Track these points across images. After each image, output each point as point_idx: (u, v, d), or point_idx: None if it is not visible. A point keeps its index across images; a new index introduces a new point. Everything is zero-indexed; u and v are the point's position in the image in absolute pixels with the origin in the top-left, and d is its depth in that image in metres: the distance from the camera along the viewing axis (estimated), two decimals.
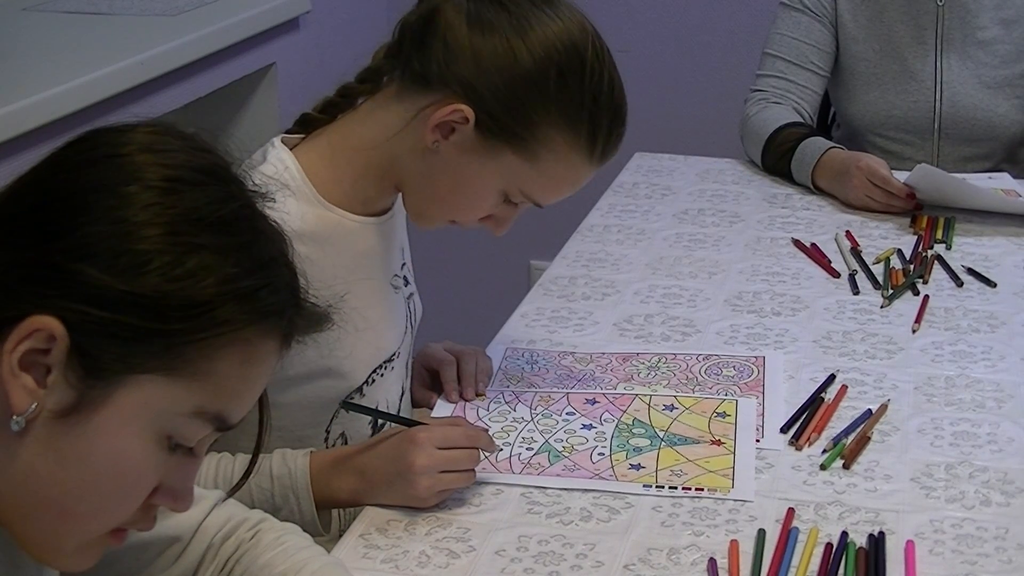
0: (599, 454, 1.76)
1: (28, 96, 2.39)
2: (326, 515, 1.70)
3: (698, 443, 1.79)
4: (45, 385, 1.07)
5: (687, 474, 1.72)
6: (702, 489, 1.69)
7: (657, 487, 1.69)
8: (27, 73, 2.54)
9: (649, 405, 1.88)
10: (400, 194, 1.81)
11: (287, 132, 1.81)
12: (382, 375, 1.82)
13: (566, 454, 1.76)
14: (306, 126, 1.80)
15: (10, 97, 2.37)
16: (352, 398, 1.78)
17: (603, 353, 2.03)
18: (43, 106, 2.40)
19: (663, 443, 1.79)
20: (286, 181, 1.71)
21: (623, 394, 1.91)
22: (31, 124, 2.37)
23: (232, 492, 1.33)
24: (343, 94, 1.79)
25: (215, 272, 1.08)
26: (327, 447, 1.79)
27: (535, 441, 1.79)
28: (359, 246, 1.78)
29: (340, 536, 1.64)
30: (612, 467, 1.74)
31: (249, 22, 3.07)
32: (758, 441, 1.79)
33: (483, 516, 1.63)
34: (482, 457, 1.69)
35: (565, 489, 1.69)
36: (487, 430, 1.75)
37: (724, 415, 1.86)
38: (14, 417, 1.07)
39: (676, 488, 1.69)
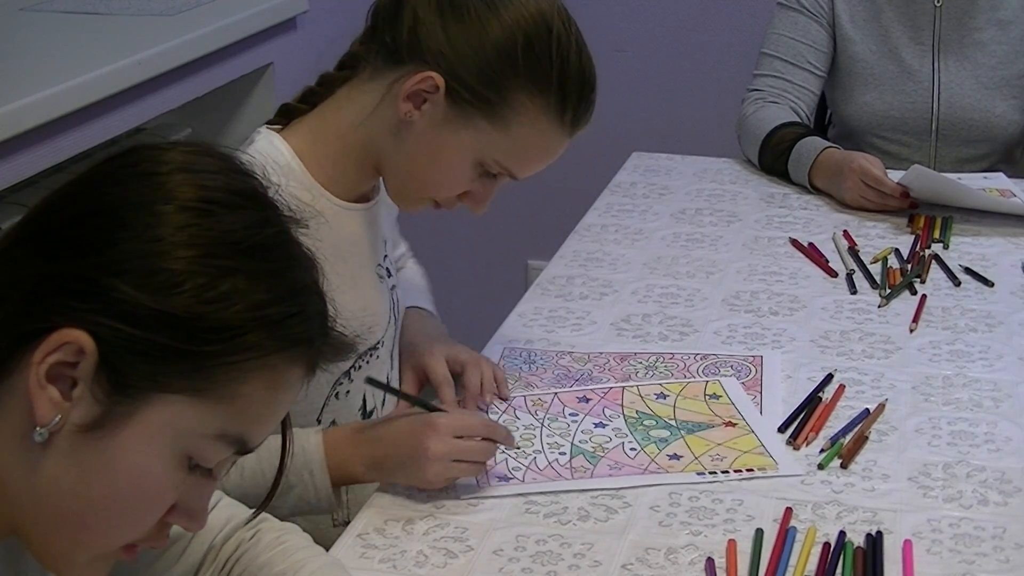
0: (631, 449, 1.77)
1: (26, 96, 2.39)
2: (336, 492, 1.71)
3: (712, 427, 1.82)
4: (70, 398, 1.07)
5: (726, 458, 1.75)
6: (752, 470, 1.72)
7: (710, 473, 1.71)
8: (25, 73, 2.54)
9: (641, 396, 1.89)
10: (382, 180, 1.82)
11: (268, 123, 1.83)
12: (367, 362, 1.84)
13: (599, 454, 1.76)
14: (287, 116, 1.82)
15: (8, 97, 2.37)
16: (340, 383, 1.80)
17: (601, 353, 2.04)
18: (41, 106, 2.40)
19: (682, 432, 1.81)
20: (276, 160, 1.73)
21: (611, 387, 1.92)
22: (29, 124, 2.37)
23: (258, 512, 1.32)
24: (322, 83, 1.82)
25: (247, 297, 1.08)
26: None
27: (561, 445, 1.78)
28: (344, 230, 1.79)
29: (347, 524, 1.65)
30: (653, 460, 1.74)
31: (246, 22, 3.07)
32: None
33: (481, 516, 1.64)
34: (500, 450, 1.70)
35: (631, 487, 1.68)
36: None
37: (716, 396, 1.89)
38: (38, 428, 1.07)
39: (728, 472, 1.71)
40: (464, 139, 1.72)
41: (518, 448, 1.76)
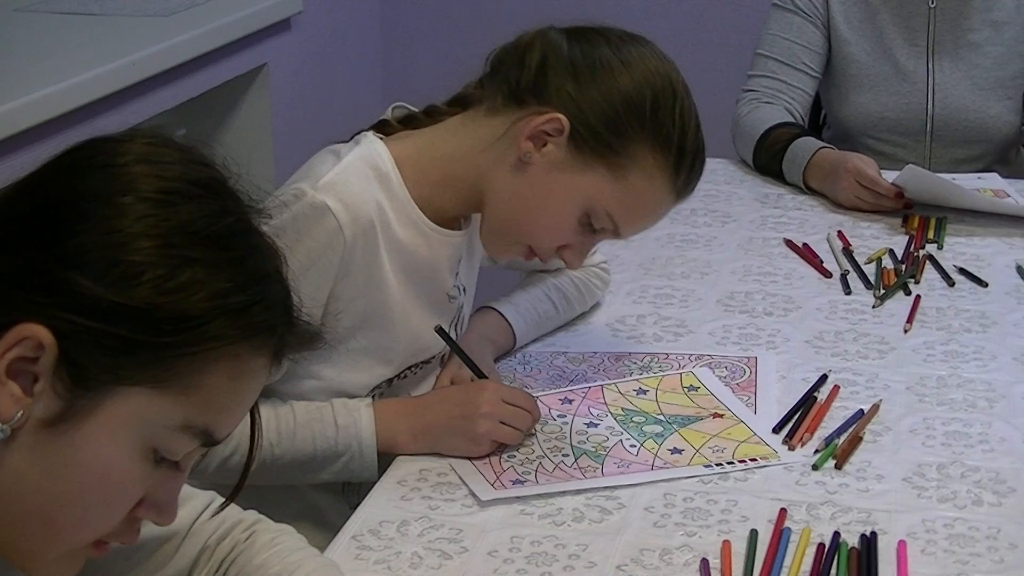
0: (631, 446, 1.78)
1: (21, 96, 2.39)
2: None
3: (701, 419, 1.83)
4: (32, 393, 1.06)
5: (726, 448, 1.76)
6: (755, 460, 1.74)
7: (717, 465, 1.73)
8: (20, 73, 2.54)
9: (622, 394, 1.90)
10: (476, 217, 1.84)
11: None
12: (415, 372, 1.88)
13: (602, 452, 1.77)
14: (381, 132, 1.84)
15: (3, 97, 2.37)
16: (381, 387, 1.84)
17: (595, 353, 2.04)
18: (36, 107, 2.40)
19: (674, 426, 1.82)
20: (376, 166, 1.76)
21: (590, 387, 1.92)
22: (23, 124, 2.37)
23: (226, 503, 1.33)
24: (428, 112, 1.84)
25: (207, 286, 1.08)
26: None
27: (561, 448, 1.78)
28: (425, 251, 1.80)
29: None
30: (656, 455, 1.75)
31: (241, 23, 3.07)
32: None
33: (475, 517, 1.63)
34: (507, 456, 1.75)
35: (641, 484, 1.69)
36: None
37: (695, 388, 1.91)
38: (0, 425, 1.06)
39: (733, 463, 1.73)
40: (579, 184, 1.74)
41: (523, 443, 1.78)
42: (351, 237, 1.71)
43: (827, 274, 2.32)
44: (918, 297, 2.21)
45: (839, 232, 2.47)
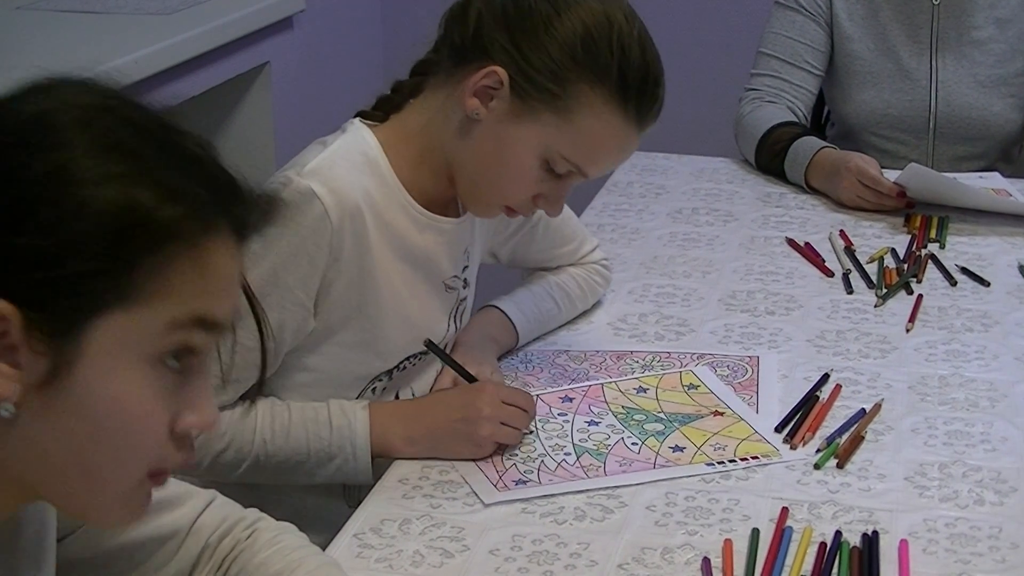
0: (633, 444, 1.77)
1: None
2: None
3: (702, 417, 1.83)
4: (19, 365, 1.05)
5: (727, 446, 1.77)
6: (757, 457, 1.74)
7: (719, 463, 1.73)
8: (20, 72, 2.53)
9: (622, 392, 1.90)
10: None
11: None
12: (414, 364, 1.87)
13: (604, 451, 1.77)
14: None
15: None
16: (381, 379, 1.84)
17: (597, 351, 2.04)
18: None
19: (675, 424, 1.82)
20: (364, 152, 1.77)
21: (590, 385, 1.92)
22: None
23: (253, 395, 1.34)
24: (395, 88, 1.85)
25: (141, 191, 1.06)
26: None
27: (563, 446, 1.78)
28: (418, 238, 1.81)
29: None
30: (658, 453, 1.75)
31: (243, 21, 3.07)
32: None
33: (477, 515, 1.63)
34: (508, 455, 1.75)
35: (645, 483, 1.69)
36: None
37: (695, 387, 1.91)
38: (3, 404, 1.06)
39: (736, 461, 1.73)
40: (529, 133, 1.73)
41: (524, 442, 1.78)
42: (338, 221, 1.71)
43: (829, 273, 2.32)
44: (920, 296, 2.21)
45: (841, 231, 2.47)
